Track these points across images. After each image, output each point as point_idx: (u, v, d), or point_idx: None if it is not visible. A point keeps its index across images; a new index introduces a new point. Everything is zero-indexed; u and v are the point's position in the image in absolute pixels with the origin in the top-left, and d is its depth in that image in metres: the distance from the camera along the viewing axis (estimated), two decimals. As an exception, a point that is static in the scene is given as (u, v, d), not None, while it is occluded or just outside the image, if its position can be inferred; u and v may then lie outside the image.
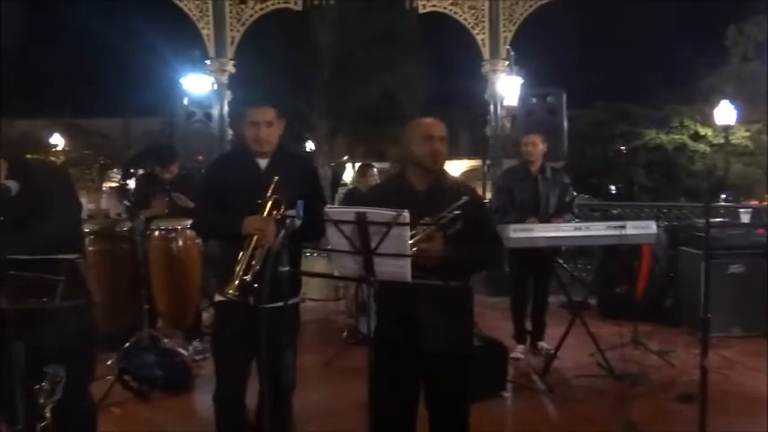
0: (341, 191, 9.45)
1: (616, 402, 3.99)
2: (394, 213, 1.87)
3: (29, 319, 2.08)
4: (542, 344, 5.00)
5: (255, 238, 2.51)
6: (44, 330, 2.15)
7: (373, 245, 1.91)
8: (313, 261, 5.15)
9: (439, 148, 2.49)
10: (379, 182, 6.24)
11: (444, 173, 2.69)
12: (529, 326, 5.06)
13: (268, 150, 2.78)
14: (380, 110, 18.85)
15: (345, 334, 5.35)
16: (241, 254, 2.52)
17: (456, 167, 34.64)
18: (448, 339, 2.39)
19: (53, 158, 20.90)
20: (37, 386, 2.25)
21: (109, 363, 4.28)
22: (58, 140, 21.06)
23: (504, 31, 7.25)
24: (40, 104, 20.24)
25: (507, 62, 7.37)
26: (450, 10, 7.26)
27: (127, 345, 4.44)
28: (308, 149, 19.26)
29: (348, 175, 23.32)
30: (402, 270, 1.96)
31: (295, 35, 16.12)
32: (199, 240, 4.81)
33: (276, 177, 2.58)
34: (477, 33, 7.26)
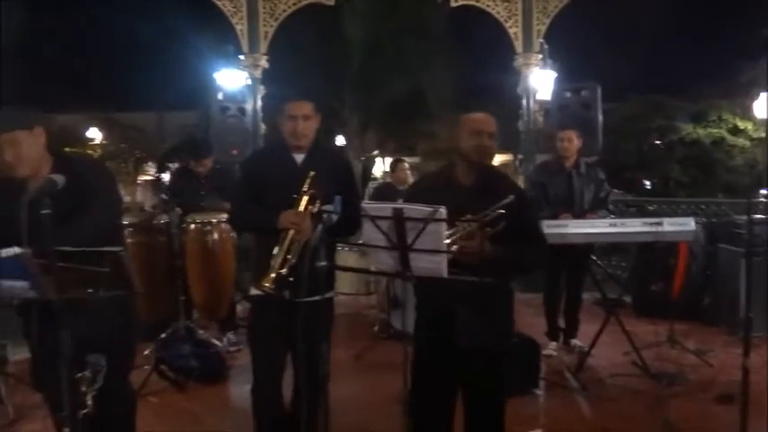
0: (370, 185, 9.48)
1: (652, 402, 3.93)
2: (431, 209, 1.87)
3: (73, 310, 2.13)
4: (575, 341, 4.95)
5: (292, 232, 2.53)
6: (87, 320, 2.21)
7: (410, 240, 1.91)
8: (345, 255, 5.17)
9: (487, 143, 2.46)
10: (409, 176, 6.24)
11: (493, 169, 2.65)
12: (562, 323, 5.02)
13: (305, 145, 2.78)
14: (411, 105, 18.80)
15: (377, 328, 5.38)
16: (277, 248, 2.55)
17: (486, 162, 34.42)
18: (487, 337, 2.38)
19: (90, 152, 21.43)
20: (79, 374, 2.31)
21: (146, 352, 4.38)
22: (95, 134, 21.53)
23: (538, 25, 7.16)
24: (77, 99, 20.70)
25: (540, 56, 7.27)
26: (483, 3, 7.19)
27: (163, 335, 4.54)
28: (338, 144, 19.33)
29: (378, 169, 23.38)
30: (438, 266, 1.96)
31: (326, 30, 16.16)
32: (234, 234, 4.88)
33: (312, 172, 2.60)
34: (510, 27, 7.17)
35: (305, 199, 2.56)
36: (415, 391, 2.20)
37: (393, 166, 6.35)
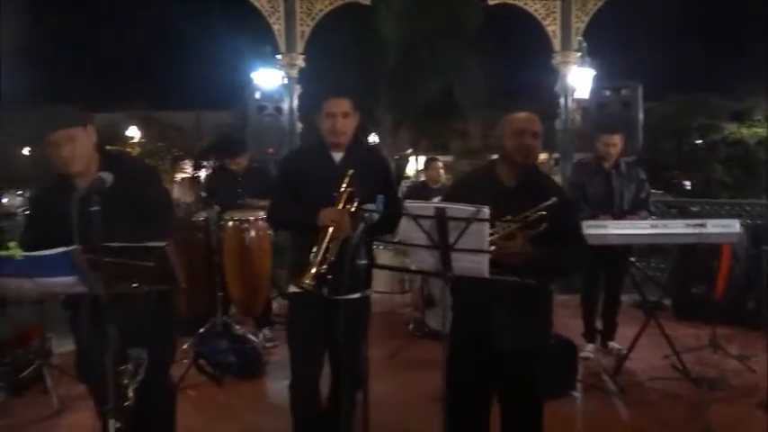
0: (404, 184, 9.49)
1: (692, 406, 3.85)
2: (474, 209, 1.86)
3: (117, 304, 2.19)
4: (613, 344, 4.86)
5: (331, 229, 2.54)
6: (131, 314, 2.25)
7: (452, 240, 1.90)
8: (380, 253, 5.19)
9: (531, 143, 2.44)
10: (442, 175, 6.21)
11: (536, 169, 2.63)
12: (599, 325, 4.94)
13: (344, 142, 2.77)
14: (445, 103, 18.75)
15: (411, 327, 5.38)
16: (316, 246, 2.56)
17: (521, 161, 34.01)
18: (525, 338, 2.36)
19: (129, 150, 21.96)
20: (122, 367, 2.37)
21: (185, 347, 4.47)
22: (134, 133, 22.04)
23: (577, 23, 7.04)
24: (117, 98, 21.23)
25: (579, 54, 7.16)
26: (521, 1, 7.11)
27: (201, 330, 4.63)
28: (371, 143, 19.39)
29: (411, 168, 23.36)
30: (479, 266, 1.95)
31: (361, 29, 16.21)
32: (270, 231, 4.93)
33: (351, 171, 2.60)
34: (549, 25, 7.08)
35: (344, 197, 2.57)
36: (451, 391, 2.19)
37: (427, 164, 6.34)
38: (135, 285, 2.15)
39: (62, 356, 4.57)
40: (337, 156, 2.79)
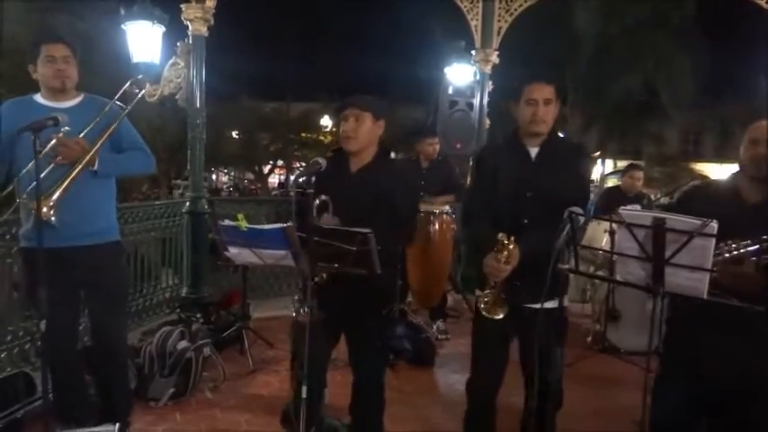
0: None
1: None
2: (699, 222, 1.68)
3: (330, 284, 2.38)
4: None
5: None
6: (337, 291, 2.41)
7: (668, 254, 1.74)
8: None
9: (765, 153, 2.14)
10: (638, 185, 5.74)
11: None
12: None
13: (543, 132, 2.61)
14: (641, 104, 17.49)
15: (590, 339, 5.11)
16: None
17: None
18: (743, 370, 2.09)
19: (322, 138, 23.53)
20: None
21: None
22: (327, 122, 23.58)
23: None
24: (314, 90, 22.86)
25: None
26: (748, -10, 6.30)
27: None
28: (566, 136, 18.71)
29: (596, 171, 22.11)
30: (698, 285, 1.75)
31: (553, 23, 15.64)
32: (454, 225, 4.98)
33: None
34: (782, 18, 6.20)
35: (512, 249, 2.45)
36: (654, 419, 2.01)
37: (627, 170, 5.90)
38: (336, 266, 2.29)
39: (258, 321, 5.05)
40: (533, 150, 2.65)
